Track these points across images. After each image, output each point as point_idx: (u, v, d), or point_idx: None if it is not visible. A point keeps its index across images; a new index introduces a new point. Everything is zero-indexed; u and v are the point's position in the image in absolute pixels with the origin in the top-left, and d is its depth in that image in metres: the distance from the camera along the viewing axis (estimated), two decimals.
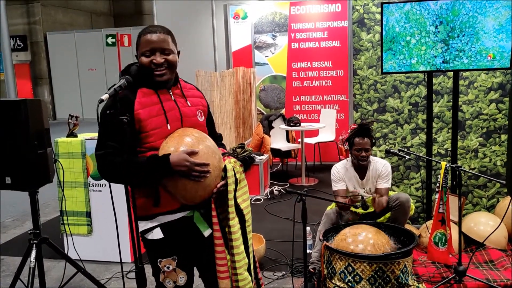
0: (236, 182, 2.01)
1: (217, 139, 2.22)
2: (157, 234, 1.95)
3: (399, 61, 3.70)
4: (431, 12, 3.61)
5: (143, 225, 1.96)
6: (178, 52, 2.03)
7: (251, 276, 2.04)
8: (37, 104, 2.67)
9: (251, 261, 2.07)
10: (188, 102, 2.04)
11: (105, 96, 1.71)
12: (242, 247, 2.01)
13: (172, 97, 2.00)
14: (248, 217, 2.07)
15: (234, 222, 1.99)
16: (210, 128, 2.17)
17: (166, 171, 1.81)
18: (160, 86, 1.97)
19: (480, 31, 3.55)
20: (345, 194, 3.49)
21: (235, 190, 2.00)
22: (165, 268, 1.95)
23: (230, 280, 1.99)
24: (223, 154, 2.09)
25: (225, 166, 1.98)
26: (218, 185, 1.95)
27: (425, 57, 3.66)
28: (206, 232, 2.01)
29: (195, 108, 2.06)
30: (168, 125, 1.93)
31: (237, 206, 2.01)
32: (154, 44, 1.92)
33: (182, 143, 1.89)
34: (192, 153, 1.85)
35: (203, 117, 2.10)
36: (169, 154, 1.83)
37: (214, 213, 1.96)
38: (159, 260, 1.96)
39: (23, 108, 2.55)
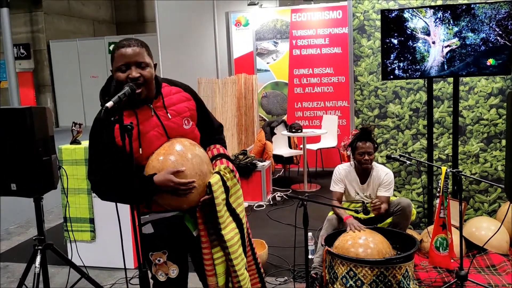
0: (227, 190, 2.03)
1: (215, 132, 2.22)
2: (148, 229, 2.03)
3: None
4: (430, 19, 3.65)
5: None
6: (155, 65, 1.99)
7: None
8: (42, 111, 2.70)
9: (250, 258, 2.15)
10: (168, 114, 1.99)
11: (110, 104, 1.70)
12: (240, 250, 2.05)
13: (154, 112, 1.97)
14: (244, 220, 2.11)
15: (228, 230, 2.02)
16: (204, 127, 2.15)
17: (153, 190, 1.89)
18: (140, 103, 1.95)
19: (479, 36, 3.58)
20: (341, 198, 3.52)
21: (227, 198, 2.04)
22: (156, 261, 2.04)
23: (215, 277, 2.04)
24: (216, 157, 2.10)
25: (209, 183, 1.97)
26: (202, 199, 1.98)
27: (425, 63, 3.70)
28: (195, 232, 2.06)
29: (181, 117, 2.02)
30: (140, 149, 1.92)
31: (232, 212, 2.05)
32: (129, 58, 1.87)
33: (166, 163, 1.91)
34: (177, 173, 1.89)
35: (190, 123, 2.06)
36: (154, 174, 1.89)
37: (199, 220, 2.01)
38: (150, 253, 2.04)
39: (28, 116, 2.59)
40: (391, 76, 3.80)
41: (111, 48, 15.89)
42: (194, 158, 1.96)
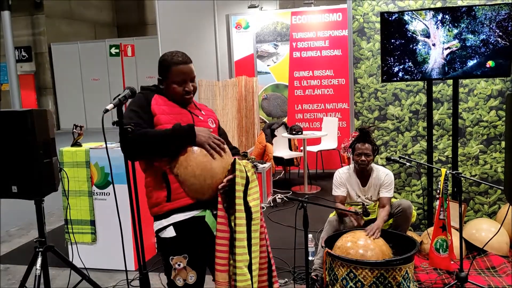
0: (247, 180, 2.08)
1: (232, 147, 2.35)
2: (170, 232, 2.06)
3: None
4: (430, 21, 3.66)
5: (157, 224, 2.09)
6: None
7: (251, 274, 2.08)
8: (43, 114, 2.72)
9: (256, 260, 2.12)
10: (202, 111, 2.27)
11: (110, 106, 1.78)
12: (245, 243, 2.06)
13: (190, 111, 2.20)
14: (256, 216, 2.12)
15: (241, 218, 2.05)
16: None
17: (190, 134, 2.00)
18: (180, 105, 2.18)
19: (479, 38, 3.59)
20: (344, 200, 3.52)
21: (246, 187, 2.08)
22: (176, 266, 2.06)
23: (228, 274, 2.06)
24: (237, 155, 2.25)
25: (234, 160, 2.08)
26: (225, 179, 2.04)
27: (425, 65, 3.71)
28: (215, 231, 2.08)
29: (207, 116, 2.28)
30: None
31: (246, 204, 2.07)
32: (187, 75, 2.13)
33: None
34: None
35: (214, 124, 2.29)
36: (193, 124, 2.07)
37: (220, 206, 2.04)
38: (171, 257, 2.07)
39: (29, 118, 2.60)
40: (392, 78, 3.81)
41: (112, 50, 15.99)
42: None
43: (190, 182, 2.00)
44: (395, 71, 3.77)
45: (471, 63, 3.64)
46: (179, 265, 2.05)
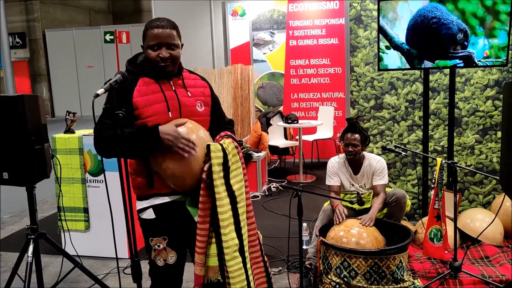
0: (226, 161, 2.00)
1: (226, 123, 2.28)
2: (150, 214, 2.06)
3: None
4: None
5: (138, 204, 2.09)
6: (181, 45, 2.09)
7: (244, 257, 2.05)
8: (35, 99, 2.67)
9: (246, 242, 2.09)
10: (188, 92, 2.09)
11: (100, 91, 1.75)
12: (232, 227, 2.02)
13: (173, 87, 2.06)
14: (240, 198, 2.07)
15: (223, 204, 1.99)
16: (215, 116, 2.22)
17: (155, 139, 1.88)
18: (162, 77, 2.04)
19: (477, 27, 3.56)
20: (339, 190, 3.51)
21: (227, 171, 2.01)
22: (156, 247, 2.07)
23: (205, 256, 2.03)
24: (223, 136, 2.13)
25: (208, 145, 1.98)
26: (205, 168, 1.97)
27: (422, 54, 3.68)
28: (197, 218, 2.05)
29: (195, 99, 2.11)
30: (170, 112, 2.00)
31: (229, 187, 2.02)
32: (161, 39, 1.98)
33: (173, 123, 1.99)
34: (179, 125, 1.94)
35: (203, 107, 2.14)
36: (159, 124, 1.93)
37: (202, 192, 1.98)
38: (150, 238, 2.07)
39: (20, 104, 2.56)
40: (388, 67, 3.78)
41: (107, 37, 15.87)
42: (202, 131, 2.04)
43: (170, 181, 1.98)
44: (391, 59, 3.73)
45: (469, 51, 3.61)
46: (158, 246, 2.06)
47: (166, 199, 2.04)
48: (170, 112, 2.00)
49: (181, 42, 2.08)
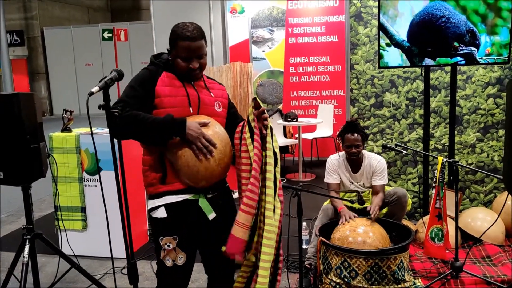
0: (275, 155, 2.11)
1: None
2: (161, 213, 2.03)
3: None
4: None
5: (150, 203, 2.07)
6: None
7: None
8: (30, 98, 2.63)
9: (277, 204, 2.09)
10: (211, 93, 2.15)
11: (95, 89, 1.72)
12: (272, 184, 2.04)
13: (194, 87, 2.10)
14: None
15: (270, 162, 2.06)
16: (232, 118, 2.27)
17: (180, 132, 1.89)
18: (185, 80, 2.07)
19: (478, 24, 3.52)
20: (338, 188, 3.48)
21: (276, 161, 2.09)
22: (166, 246, 2.03)
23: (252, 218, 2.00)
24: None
25: (271, 127, 2.12)
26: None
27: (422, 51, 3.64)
28: (211, 216, 2.07)
29: (214, 99, 2.16)
30: (191, 108, 2.03)
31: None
32: (193, 52, 1.99)
33: (198, 119, 2.02)
34: (202, 124, 1.96)
35: (221, 108, 2.19)
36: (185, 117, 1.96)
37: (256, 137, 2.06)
38: (160, 237, 2.04)
39: (15, 102, 2.51)
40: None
41: (105, 35, 15.82)
42: (218, 127, 2.07)
43: (183, 171, 1.96)
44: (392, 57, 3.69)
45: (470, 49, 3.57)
46: (168, 246, 2.03)
47: (178, 198, 2.02)
48: (191, 108, 2.02)
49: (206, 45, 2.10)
